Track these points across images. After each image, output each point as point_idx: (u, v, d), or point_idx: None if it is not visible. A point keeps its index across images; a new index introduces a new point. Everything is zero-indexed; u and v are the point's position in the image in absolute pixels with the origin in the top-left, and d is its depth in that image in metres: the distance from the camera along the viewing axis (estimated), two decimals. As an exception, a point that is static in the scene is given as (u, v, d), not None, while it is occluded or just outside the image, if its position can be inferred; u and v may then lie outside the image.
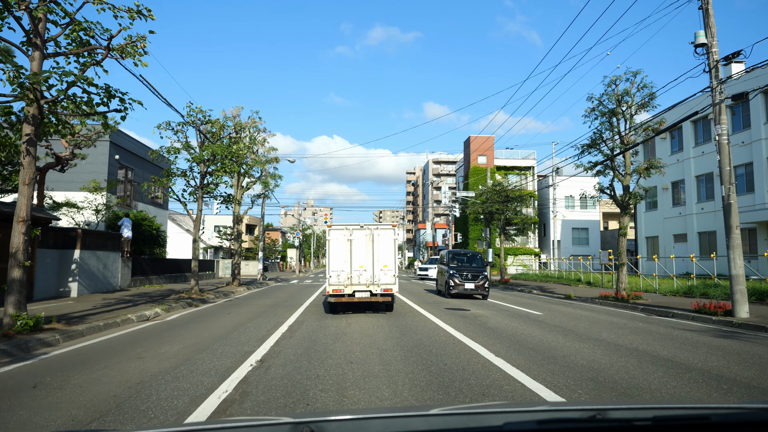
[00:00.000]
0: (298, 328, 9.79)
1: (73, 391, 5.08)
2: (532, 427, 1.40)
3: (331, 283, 12.25)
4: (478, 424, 1.45)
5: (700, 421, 1.40)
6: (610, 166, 17.63)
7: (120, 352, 7.31)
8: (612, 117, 17.66)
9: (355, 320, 11.10)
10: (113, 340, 8.51)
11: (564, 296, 19.39)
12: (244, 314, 12.52)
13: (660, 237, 35.19)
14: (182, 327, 10.08)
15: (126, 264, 19.49)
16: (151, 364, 6.37)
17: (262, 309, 13.87)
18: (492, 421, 1.44)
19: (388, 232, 12.55)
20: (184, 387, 5.22)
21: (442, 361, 6.53)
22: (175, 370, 5.98)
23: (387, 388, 5.14)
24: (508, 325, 10.56)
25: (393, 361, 6.55)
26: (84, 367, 6.21)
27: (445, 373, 5.86)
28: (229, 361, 6.56)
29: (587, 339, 8.77)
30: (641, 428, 1.39)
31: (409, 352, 7.18)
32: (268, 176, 24.93)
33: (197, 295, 16.71)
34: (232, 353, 7.13)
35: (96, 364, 6.38)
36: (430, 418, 1.51)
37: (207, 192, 18.08)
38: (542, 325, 10.80)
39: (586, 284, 25.92)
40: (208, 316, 12.04)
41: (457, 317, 12.00)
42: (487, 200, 30.40)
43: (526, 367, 6.30)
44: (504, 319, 11.64)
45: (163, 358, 6.75)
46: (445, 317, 11.92)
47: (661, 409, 1.52)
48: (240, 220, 24.41)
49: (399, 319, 11.30)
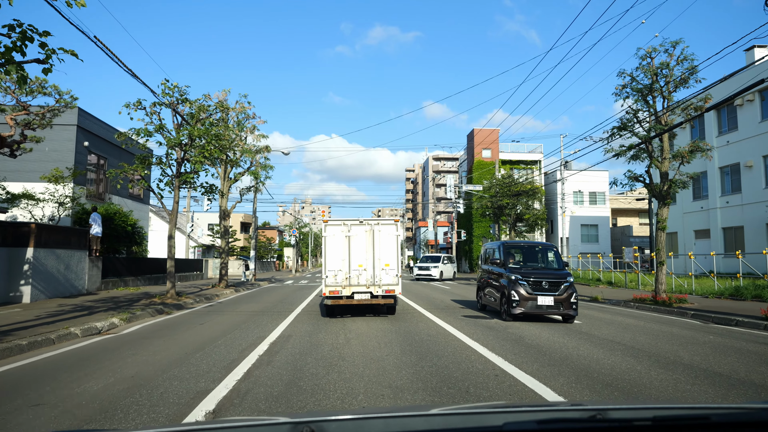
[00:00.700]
0: (282, 347, 7.55)
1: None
2: (532, 427, 1.37)
3: (328, 283, 11.17)
4: (477, 423, 1.44)
5: (701, 421, 1.38)
6: (646, 150, 15.41)
7: (11, 391, 5.05)
8: (647, 94, 15.45)
9: (355, 333, 8.88)
10: (22, 369, 6.25)
11: (590, 298, 17.20)
12: (220, 325, 10.28)
13: (679, 233, 32.98)
14: (133, 346, 7.83)
15: (95, 264, 17.22)
16: (37, 424, 4.12)
17: (244, 317, 11.64)
18: (492, 421, 1.42)
19: (390, 227, 11.42)
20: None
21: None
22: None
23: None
24: (549, 340, 8.33)
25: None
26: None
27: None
28: (167, 412, 4.32)
29: (666, 362, 6.55)
30: (641, 428, 1.37)
31: (434, 392, 4.96)
32: (259, 167, 22.63)
33: (173, 300, 14.46)
34: (176, 395, 4.88)
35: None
36: (430, 417, 1.51)
37: (185, 182, 15.80)
38: (588, 337, 8.58)
39: (607, 284, 23.71)
40: (174, 329, 9.79)
41: (482, 329, 9.76)
42: (497, 194, 28.17)
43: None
44: (539, 330, 9.42)
45: (67, 409, 4.49)
46: (467, 329, 9.69)
47: (661, 409, 1.52)
48: (227, 215, 22.12)
49: (410, 332, 9.07)
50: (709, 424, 1.37)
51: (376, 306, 12.16)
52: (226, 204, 22.02)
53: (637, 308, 14.49)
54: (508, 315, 10.88)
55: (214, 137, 14.82)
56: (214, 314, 12.43)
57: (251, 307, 14.18)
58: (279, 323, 10.42)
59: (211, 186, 16.64)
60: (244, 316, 11.86)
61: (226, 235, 22.09)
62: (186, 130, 15.03)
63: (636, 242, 48.69)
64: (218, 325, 10.21)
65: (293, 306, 14.41)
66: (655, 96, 15.44)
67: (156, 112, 15.07)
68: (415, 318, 11.33)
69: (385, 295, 11.13)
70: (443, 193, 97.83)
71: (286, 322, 10.56)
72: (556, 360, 6.65)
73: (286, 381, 5.42)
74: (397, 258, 11.34)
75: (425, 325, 10.19)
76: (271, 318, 11.42)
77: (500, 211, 28.57)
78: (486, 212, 29.42)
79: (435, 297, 18.13)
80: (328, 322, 10.53)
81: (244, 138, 21.51)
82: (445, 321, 10.75)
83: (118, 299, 14.68)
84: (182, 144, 15.36)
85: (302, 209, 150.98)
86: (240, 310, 13.50)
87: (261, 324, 10.33)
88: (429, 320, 10.91)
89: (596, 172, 47.76)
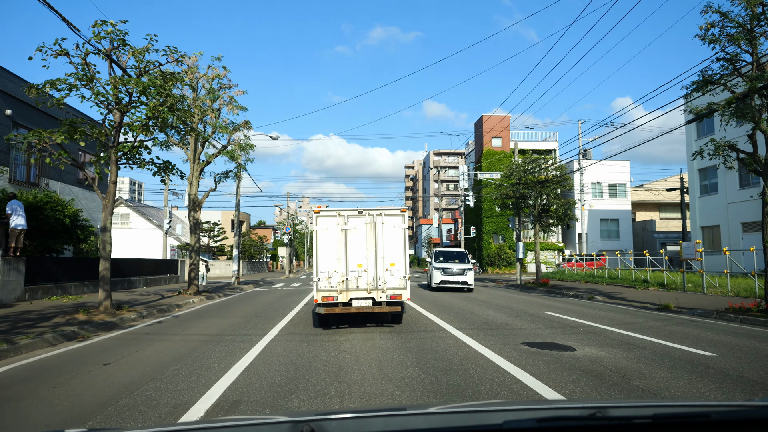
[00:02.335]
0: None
1: None
2: (532, 425, 1.36)
3: (320, 288, 9.25)
4: (477, 422, 1.43)
5: (700, 419, 1.38)
6: (748, 110, 11.43)
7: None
8: (747, 35, 11.48)
9: (355, 375, 4.89)
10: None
11: (657, 306, 13.27)
12: (141, 364, 6.29)
13: (722, 226, 29.05)
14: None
15: (13, 266, 13.18)
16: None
17: (192, 345, 7.65)
18: (492, 419, 1.41)
19: (395, 218, 9.54)
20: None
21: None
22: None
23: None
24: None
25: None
26: None
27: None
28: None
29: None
30: (641, 426, 1.36)
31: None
32: (237, 147, 18.59)
33: (104, 316, 10.45)
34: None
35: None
36: (430, 416, 1.49)
37: (129, 156, 11.78)
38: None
39: (658, 286, 19.74)
40: (54, 374, 5.79)
41: (550, 365, 5.76)
42: (518, 181, 24.16)
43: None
44: (657, 370, 5.45)
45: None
46: (530, 367, 5.69)
47: (661, 407, 1.50)
48: (198, 205, 18.05)
49: (438, 373, 5.09)
50: (709, 421, 1.36)
51: (378, 315, 10.53)
52: (197, 192, 17.96)
53: (742, 322, 10.54)
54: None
55: (159, 88, 10.77)
56: (150, 340, 8.44)
57: (213, 326, 10.19)
58: (236, 360, 6.42)
59: (165, 164, 12.58)
60: (192, 344, 7.88)
61: (196, 229, 18.04)
62: (124, 83, 11.02)
63: (661, 238, 44.78)
64: (137, 365, 6.22)
65: (272, 322, 10.43)
66: (756, 37, 11.48)
67: (83, 58, 11.06)
68: (438, 337, 7.34)
69: (391, 301, 9.29)
70: (445, 189, 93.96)
71: (249, 358, 6.57)
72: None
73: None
74: (404, 256, 9.41)
75: (456, 349, 6.19)
76: (230, 347, 7.44)
77: (523, 202, 24.56)
78: (506, 203, 25.39)
79: (468, 310, 14.12)
80: (313, 358, 6.53)
81: (217, 109, 17.47)
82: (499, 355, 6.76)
83: (28, 315, 10.65)
84: (121, 103, 11.36)
85: (300, 208, 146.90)
86: (192, 332, 9.49)
87: (206, 363, 6.34)
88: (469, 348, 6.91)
89: (617, 162, 43.86)
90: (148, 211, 43.85)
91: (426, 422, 1.41)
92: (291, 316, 11.81)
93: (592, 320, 10.86)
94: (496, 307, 13.93)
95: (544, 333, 8.93)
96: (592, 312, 12.66)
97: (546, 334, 8.73)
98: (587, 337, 8.37)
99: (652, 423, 1.33)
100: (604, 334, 8.82)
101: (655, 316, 11.92)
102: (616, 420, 1.36)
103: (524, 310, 13.14)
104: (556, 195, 23.84)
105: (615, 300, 15.99)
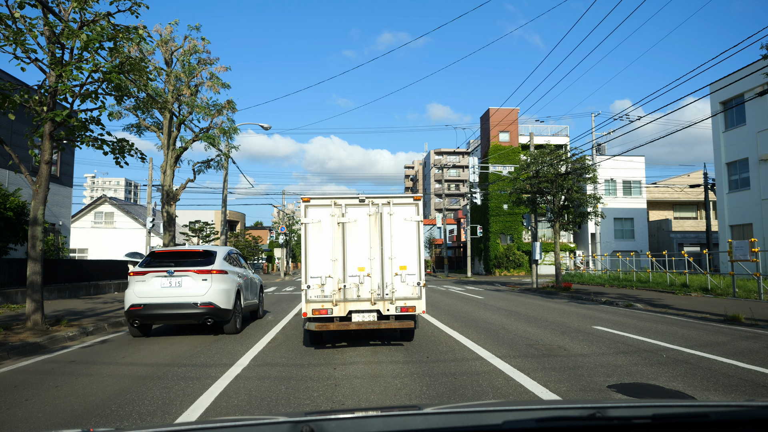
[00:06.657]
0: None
1: None
2: (531, 425, 1.35)
3: (310, 298, 7.21)
4: (477, 422, 1.40)
5: (700, 419, 1.36)
6: None
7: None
8: None
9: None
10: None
11: (722, 318, 10.88)
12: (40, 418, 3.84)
13: (755, 224, 26.62)
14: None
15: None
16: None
17: (117, 389, 5.22)
18: (491, 420, 1.39)
19: (407, 208, 7.53)
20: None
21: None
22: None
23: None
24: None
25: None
26: None
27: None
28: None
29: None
30: (640, 426, 1.34)
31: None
32: (219, 131, 16.14)
33: (28, 336, 8.01)
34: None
35: None
36: (429, 416, 1.47)
37: (70, 130, 9.33)
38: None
39: (701, 291, 17.31)
40: None
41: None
42: (536, 174, 21.74)
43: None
44: None
45: None
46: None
47: (660, 407, 1.45)
48: (172, 197, 15.56)
49: None
50: (708, 422, 1.34)
51: (385, 331, 8.48)
52: (171, 183, 15.48)
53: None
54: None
55: (101, 34, 8.33)
56: (69, 374, 5.99)
57: (167, 349, 7.74)
58: (172, 419, 3.97)
59: (120, 142, 10.10)
60: (122, 383, 5.45)
61: (170, 226, 15.53)
62: (66, 37, 8.60)
63: (678, 238, 42.39)
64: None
65: (247, 342, 7.98)
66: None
67: (10, 7, 8.63)
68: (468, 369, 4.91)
69: (401, 315, 7.31)
70: (447, 188, 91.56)
71: (192, 413, 4.12)
72: None
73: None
74: (418, 256, 7.48)
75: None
76: (172, 390, 4.99)
77: (540, 197, 22.14)
78: (521, 198, 22.97)
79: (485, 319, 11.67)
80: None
81: (195, 86, 15.02)
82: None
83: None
84: (57, 61, 8.92)
85: (297, 207, 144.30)
86: (135, 359, 7.03)
87: (121, 425, 3.88)
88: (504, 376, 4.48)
89: (631, 158, 41.41)
90: (135, 210, 41.34)
91: (425, 422, 1.39)
92: (274, 332, 9.35)
93: (660, 339, 8.41)
94: (527, 319, 11.46)
95: (619, 362, 6.45)
96: (647, 326, 10.21)
97: (624, 365, 6.26)
98: (685, 370, 5.92)
99: (651, 423, 1.32)
100: (701, 363, 6.37)
101: (735, 332, 9.46)
102: (616, 420, 1.34)
103: (564, 323, 10.69)
104: (578, 189, 21.39)
105: (660, 308, 13.57)
